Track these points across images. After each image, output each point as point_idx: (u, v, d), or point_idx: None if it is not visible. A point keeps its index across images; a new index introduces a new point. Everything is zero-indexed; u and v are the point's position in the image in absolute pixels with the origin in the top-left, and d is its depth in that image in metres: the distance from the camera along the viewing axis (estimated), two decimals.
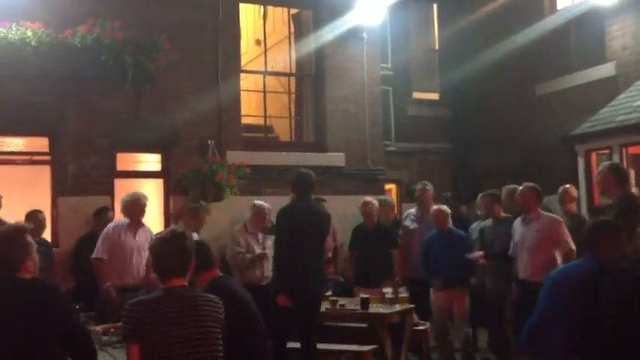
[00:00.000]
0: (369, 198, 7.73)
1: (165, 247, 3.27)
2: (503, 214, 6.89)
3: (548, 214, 6.31)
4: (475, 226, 7.35)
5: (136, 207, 6.48)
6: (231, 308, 3.44)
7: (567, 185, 7.18)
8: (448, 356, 7.02)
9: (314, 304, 5.62)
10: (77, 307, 3.64)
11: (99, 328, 4.39)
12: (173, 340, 3.08)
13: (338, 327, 6.73)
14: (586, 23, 10.08)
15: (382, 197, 8.60)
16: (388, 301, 6.41)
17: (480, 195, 7.28)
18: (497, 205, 6.95)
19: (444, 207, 7.24)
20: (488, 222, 7.00)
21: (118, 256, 6.32)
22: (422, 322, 7.00)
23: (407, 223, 7.78)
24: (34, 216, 6.57)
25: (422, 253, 7.16)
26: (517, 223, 6.29)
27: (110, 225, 6.54)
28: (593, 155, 8.92)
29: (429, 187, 7.82)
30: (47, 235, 7.22)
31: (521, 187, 6.31)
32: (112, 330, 4.37)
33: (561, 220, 6.24)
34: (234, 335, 3.46)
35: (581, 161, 8.95)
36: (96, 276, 6.35)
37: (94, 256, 6.32)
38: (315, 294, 5.64)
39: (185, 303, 3.19)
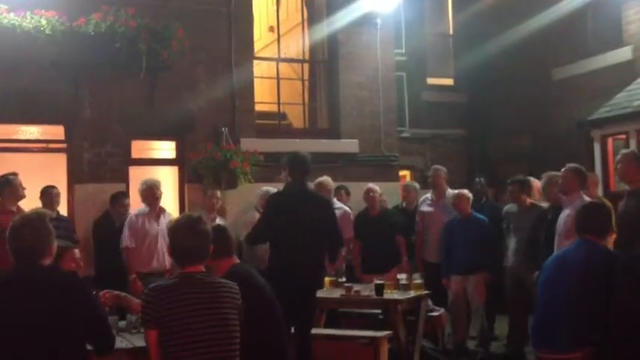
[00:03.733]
0: (371, 185, 7.69)
1: (182, 232, 3.28)
2: (529, 201, 6.76)
3: (585, 197, 5.83)
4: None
5: (150, 192, 6.65)
6: (248, 294, 3.45)
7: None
8: (461, 343, 7.02)
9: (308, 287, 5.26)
10: (95, 292, 3.67)
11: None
12: (191, 326, 3.10)
13: (352, 313, 6.76)
14: (603, 7, 9.94)
15: (407, 182, 8.60)
16: (402, 287, 6.41)
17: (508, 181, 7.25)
18: (523, 192, 6.79)
19: (465, 191, 7.20)
20: (513, 207, 6.89)
21: (143, 243, 6.49)
22: (436, 307, 6.99)
23: (423, 207, 7.77)
24: (47, 191, 6.72)
25: (442, 240, 7.14)
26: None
27: (132, 213, 6.73)
28: (610, 140, 8.81)
29: (442, 170, 7.80)
30: None
31: (563, 169, 5.95)
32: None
33: None
34: (252, 321, 3.45)
35: (597, 147, 8.84)
36: (125, 265, 6.48)
37: (122, 245, 6.48)
38: (307, 286, 5.23)
39: (203, 289, 3.20)
